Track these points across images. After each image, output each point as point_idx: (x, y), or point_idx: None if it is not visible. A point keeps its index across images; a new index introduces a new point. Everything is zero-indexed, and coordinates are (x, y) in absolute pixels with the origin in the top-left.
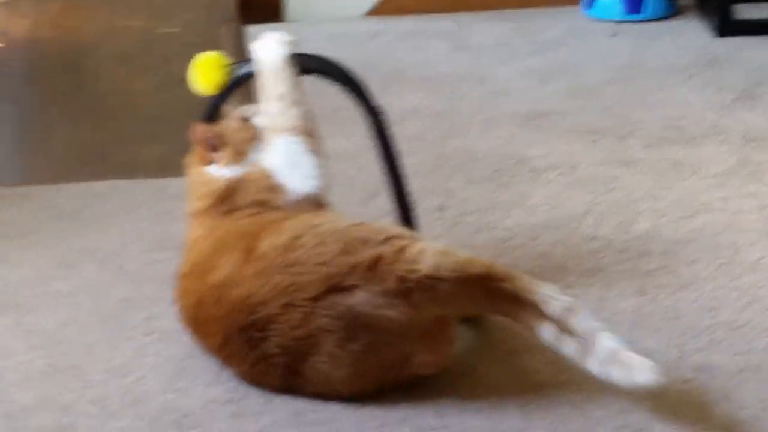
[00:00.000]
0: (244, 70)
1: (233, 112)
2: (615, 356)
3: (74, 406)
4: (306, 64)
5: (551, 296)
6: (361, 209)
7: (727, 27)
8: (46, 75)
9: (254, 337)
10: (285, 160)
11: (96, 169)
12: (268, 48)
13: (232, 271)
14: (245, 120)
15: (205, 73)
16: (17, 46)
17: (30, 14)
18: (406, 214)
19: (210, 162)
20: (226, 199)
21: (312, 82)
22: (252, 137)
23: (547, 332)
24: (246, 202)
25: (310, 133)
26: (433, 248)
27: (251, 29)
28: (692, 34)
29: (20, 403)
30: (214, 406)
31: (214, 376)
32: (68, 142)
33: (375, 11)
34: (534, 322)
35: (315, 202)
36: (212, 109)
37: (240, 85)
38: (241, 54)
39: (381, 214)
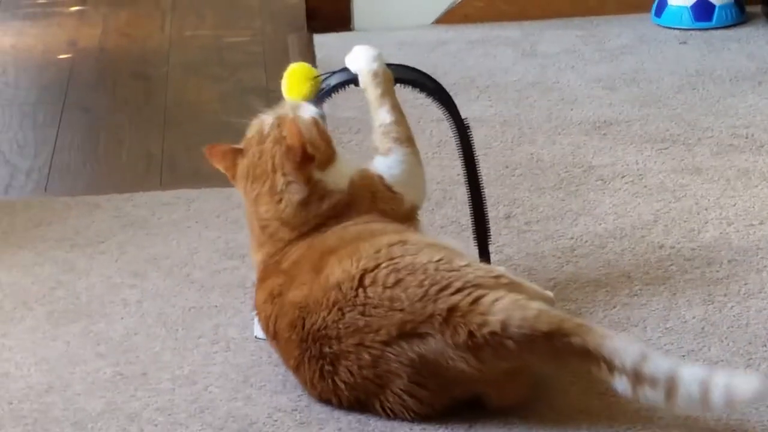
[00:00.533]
0: (332, 81)
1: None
2: (710, 381)
3: (141, 414)
4: (399, 75)
5: (621, 348)
6: (427, 218)
7: None
8: (114, 84)
9: (325, 370)
10: (402, 171)
11: (164, 178)
12: (366, 60)
13: (306, 293)
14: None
15: (293, 84)
16: (86, 56)
17: (99, 24)
18: (482, 226)
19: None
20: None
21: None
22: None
23: (621, 385)
24: (362, 211)
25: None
26: (506, 300)
27: (318, 38)
28: (761, 41)
29: (87, 410)
30: (280, 415)
31: (281, 384)
32: (136, 151)
33: (442, 19)
34: (607, 376)
35: (415, 213)
36: None
37: (327, 97)
38: (310, 63)
39: (447, 223)
